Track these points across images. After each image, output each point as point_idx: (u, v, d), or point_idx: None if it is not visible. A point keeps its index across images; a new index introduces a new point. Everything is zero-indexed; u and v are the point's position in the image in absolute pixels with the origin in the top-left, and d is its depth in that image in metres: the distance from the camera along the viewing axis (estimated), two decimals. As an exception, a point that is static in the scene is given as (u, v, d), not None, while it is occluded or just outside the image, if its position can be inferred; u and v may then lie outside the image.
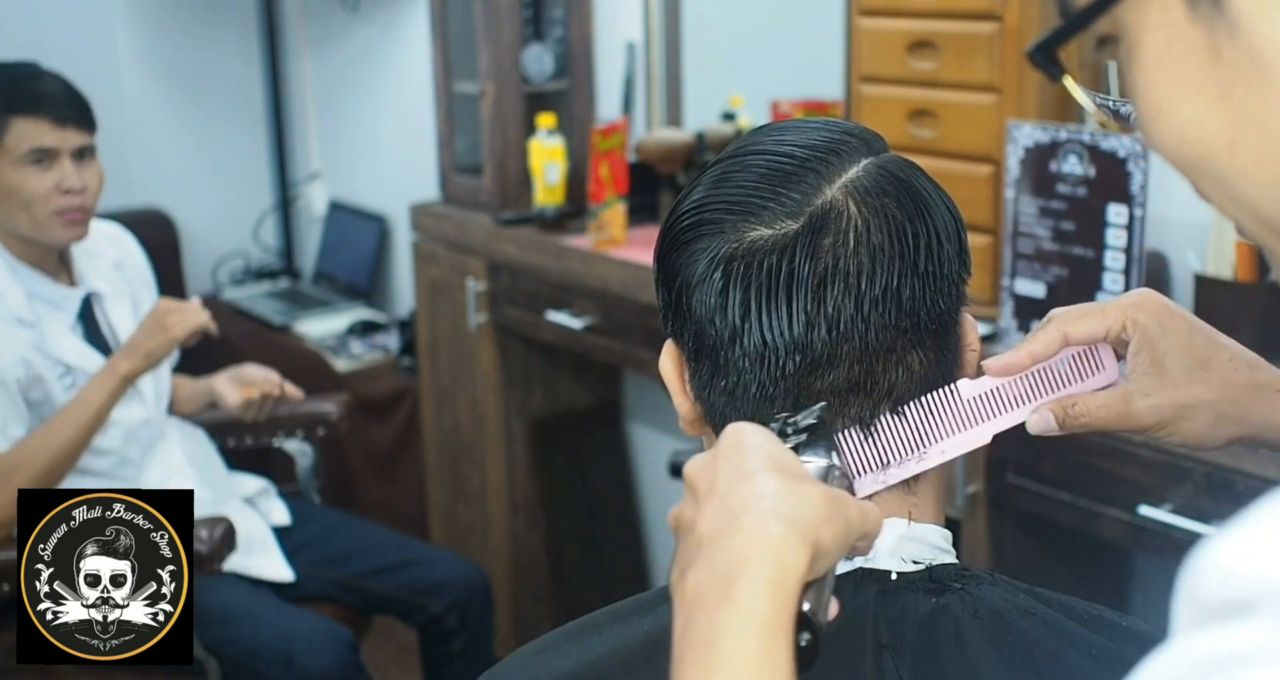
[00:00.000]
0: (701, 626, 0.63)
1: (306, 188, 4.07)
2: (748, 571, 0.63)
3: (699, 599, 0.64)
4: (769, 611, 0.63)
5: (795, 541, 0.64)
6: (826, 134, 0.84)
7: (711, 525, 0.66)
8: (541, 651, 0.87)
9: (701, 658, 0.62)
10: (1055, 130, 1.86)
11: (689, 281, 0.83)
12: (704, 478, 0.70)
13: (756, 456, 0.69)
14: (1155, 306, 0.85)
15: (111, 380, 2.08)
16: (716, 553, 0.65)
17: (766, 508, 0.65)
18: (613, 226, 2.60)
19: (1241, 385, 0.84)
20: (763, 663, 0.62)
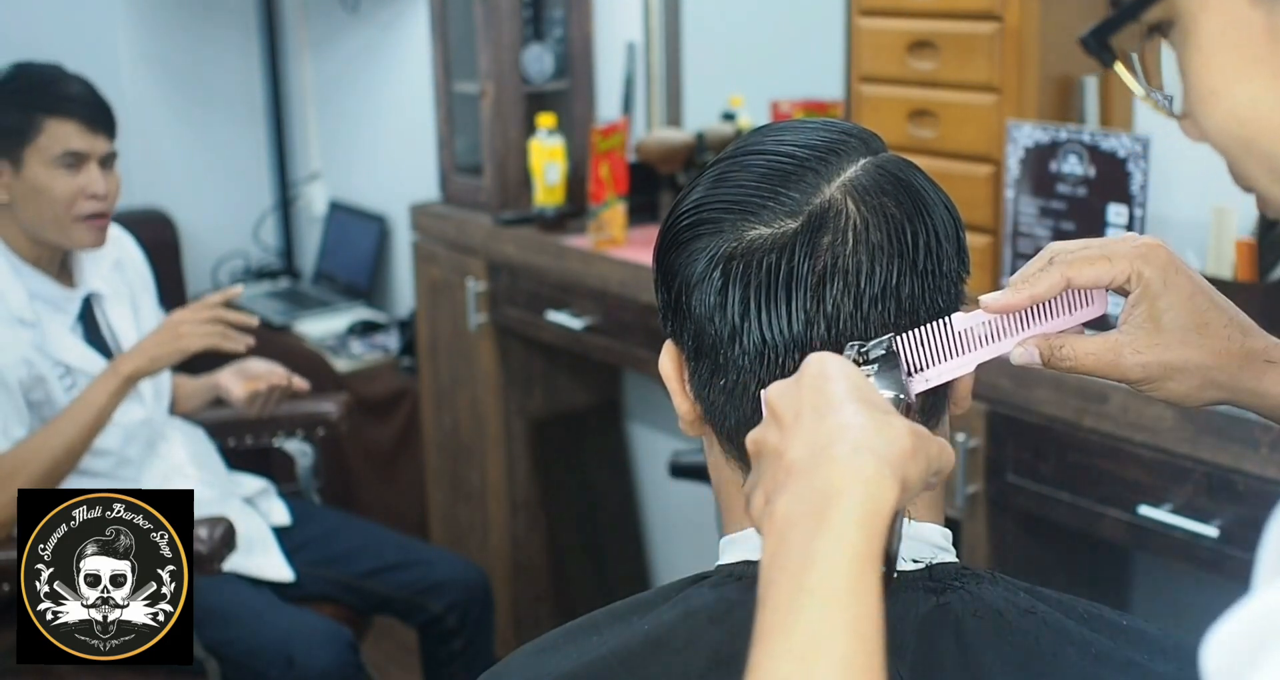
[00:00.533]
0: (794, 552, 0.64)
1: (306, 188, 4.07)
2: (842, 503, 0.64)
3: (790, 525, 0.65)
4: (862, 543, 0.64)
5: (888, 476, 0.66)
6: (825, 134, 0.85)
7: (801, 453, 0.67)
8: (541, 651, 0.87)
9: (794, 581, 0.63)
10: (1055, 130, 1.86)
11: (688, 281, 0.83)
12: (788, 405, 0.70)
13: (843, 387, 0.70)
14: (1163, 260, 0.84)
15: (114, 381, 2.07)
16: (808, 482, 0.66)
17: (858, 440, 0.66)
18: (613, 226, 2.61)
19: (1234, 353, 0.84)
20: (855, 591, 0.63)
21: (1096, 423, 1.79)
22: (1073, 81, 1.98)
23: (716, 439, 0.87)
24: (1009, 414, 1.90)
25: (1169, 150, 1.97)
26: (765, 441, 0.71)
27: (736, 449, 0.85)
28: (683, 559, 3.11)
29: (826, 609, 0.62)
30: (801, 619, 0.62)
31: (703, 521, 2.86)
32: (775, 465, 0.69)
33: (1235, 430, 1.65)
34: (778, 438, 0.70)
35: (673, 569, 3.13)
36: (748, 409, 0.83)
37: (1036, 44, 1.91)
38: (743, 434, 0.84)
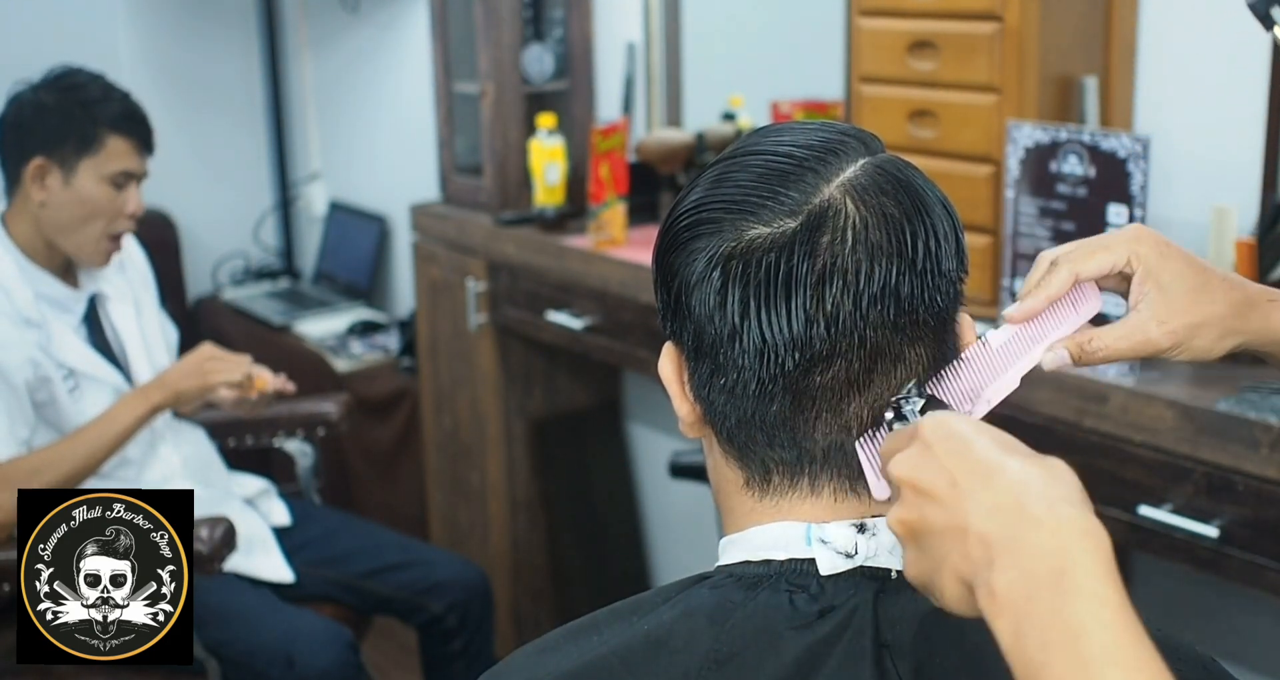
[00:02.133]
0: (1049, 626, 0.63)
1: (306, 188, 4.07)
2: (1078, 562, 0.63)
3: (1027, 600, 0.64)
4: (1117, 596, 0.63)
5: (1092, 519, 0.65)
6: (824, 135, 0.85)
7: (991, 523, 0.66)
8: (542, 651, 0.87)
9: (1070, 655, 0.62)
10: (1055, 130, 1.86)
11: (688, 281, 0.83)
12: (932, 477, 0.69)
13: (984, 443, 0.70)
14: (1153, 239, 0.91)
15: (141, 408, 2.11)
16: (1021, 551, 0.65)
17: (1044, 494, 0.66)
18: (613, 226, 2.61)
19: (1238, 301, 0.91)
20: (1137, 646, 0.62)
21: (1096, 423, 1.79)
22: (1073, 81, 1.98)
23: (716, 440, 0.87)
24: (1009, 414, 1.90)
25: (1169, 150, 1.97)
26: (926, 520, 0.69)
27: (736, 449, 0.85)
28: (683, 559, 3.11)
29: (1125, 670, 0.61)
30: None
31: (703, 521, 2.86)
32: (959, 542, 0.67)
33: (1235, 430, 1.65)
34: (942, 513, 0.68)
35: (673, 569, 3.13)
36: (748, 409, 0.83)
37: (1036, 44, 1.91)
38: (743, 434, 0.84)
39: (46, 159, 2.08)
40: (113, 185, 2.11)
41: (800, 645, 0.80)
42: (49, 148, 2.08)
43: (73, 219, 2.10)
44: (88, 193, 2.09)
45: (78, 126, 2.09)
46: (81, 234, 2.12)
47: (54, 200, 2.09)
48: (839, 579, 0.82)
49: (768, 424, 0.83)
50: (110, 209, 2.12)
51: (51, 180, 2.09)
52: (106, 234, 2.14)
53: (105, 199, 2.11)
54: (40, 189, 2.09)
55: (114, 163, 2.11)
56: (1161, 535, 1.74)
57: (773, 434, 0.83)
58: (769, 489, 0.85)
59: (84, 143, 2.08)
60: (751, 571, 0.84)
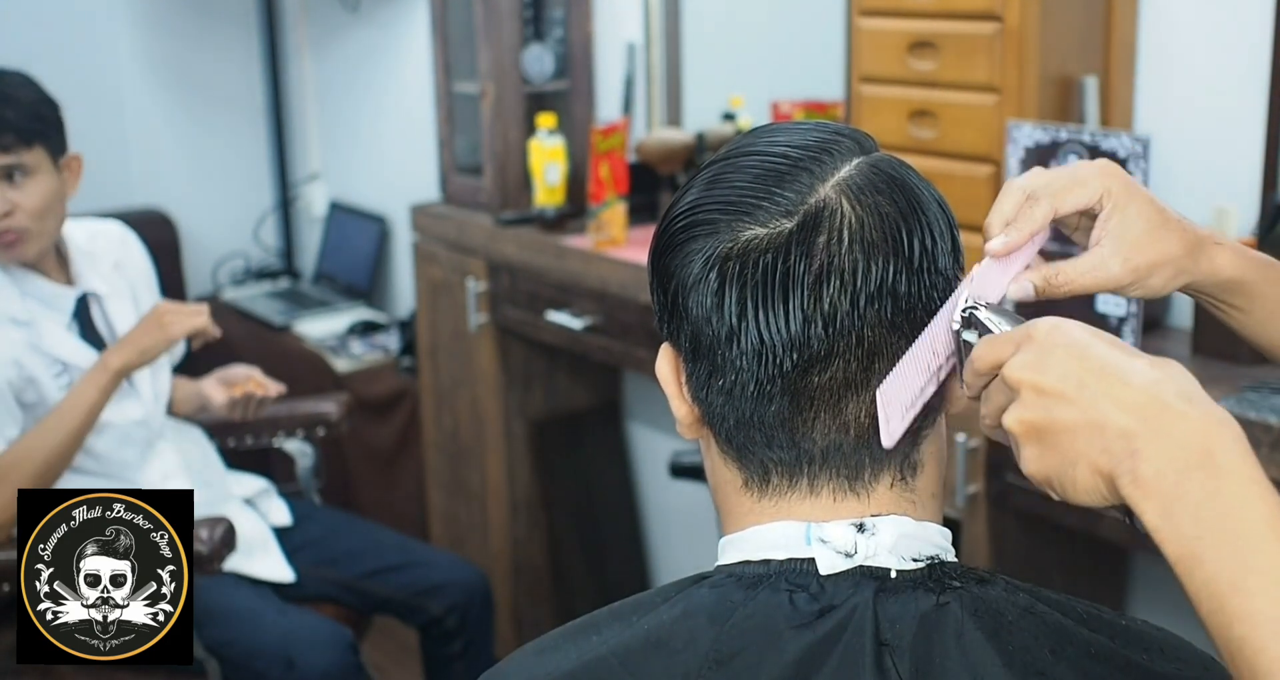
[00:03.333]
0: (1204, 503, 0.67)
1: (306, 188, 4.07)
2: (1222, 446, 0.68)
3: (1176, 483, 0.68)
4: (1260, 472, 0.68)
5: (1225, 411, 0.70)
6: (818, 134, 0.85)
7: (1132, 418, 0.70)
8: (541, 651, 0.87)
9: (1229, 527, 0.66)
10: (1055, 130, 1.86)
11: (684, 282, 0.83)
12: (1061, 377, 0.72)
13: (1103, 346, 0.73)
14: (1121, 176, 0.92)
15: (103, 376, 2.06)
16: (1165, 439, 0.69)
17: (1179, 389, 0.70)
18: (613, 227, 2.61)
19: (1191, 241, 0.92)
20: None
21: (1096, 423, 1.79)
22: (1073, 81, 1.98)
23: (715, 441, 0.87)
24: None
25: (1169, 150, 1.97)
26: (1055, 419, 0.72)
27: (735, 450, 0.85)
28: (683, 559, 3.11)
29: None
30: (1266, 552, 0.65)
31: (702, 521, 2.86)
32: (1096, 437, 0.70)
33: (1235, 430, 1.65)
34: (1074, 410, 0.71)
35: (673, 569, 3.13)
36: (746, 410, 0.83)
37: (1036, 44, 1.91)
38: (742, 434, 0.84)
39: None
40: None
41: (800, 644, 0.80)
42: None
43: None
44: None
45: None
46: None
47: None
48: (839, 578, 0.82)
49: (766, 425, 0.83)
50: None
51: None
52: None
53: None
54: None
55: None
56: (1161, 535, 1.74)
57: (771, 435, 0.83)
58: (768, 489, 0.85)
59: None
60: (751, 571, 0.84)
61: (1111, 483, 0.70)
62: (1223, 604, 0.66)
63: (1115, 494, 0.71)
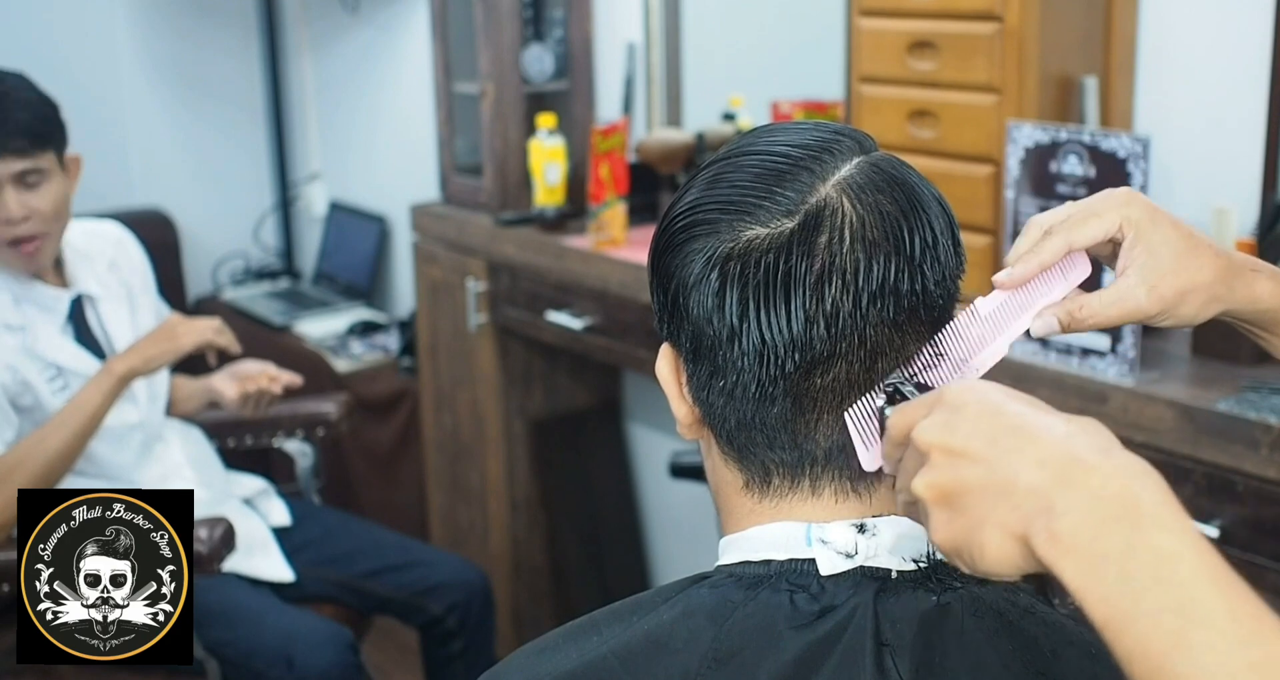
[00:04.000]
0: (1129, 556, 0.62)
1: (306, 188, 4.07)
2: (1143, 497, 0.64)
3: (1093, 538, 0.63)
4: (1190, 524, 0.63)
5: (1145, 463, 0.66)
6: (818, 134, 0.85)
7: (1042, 474, 0.66)
8: (541, 651, 0.87)
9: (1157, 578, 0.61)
10: (1055, 130, 1.86)
11: (685, 282, 0.83)
12: (969, 437, 0.69)
13: (1013, 403, 0.70)
14: (1143, 203, 0.90)
15: (108, 381, 2.07)
16: (1083, 493, 0.64)
17: (1091, 443, 0.67)
18: (613, 227, 2.61)
19: (1223, 268, 0.90)
20: (1221, 562, 0.62)
21: (1096, 423, 1.79)
22: (1073, 81, 1.98)
23: (715, 441, 0.87)
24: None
25: (1169, 150, 1.97)
26: (963, 480, 0.68)
27: (736, 451, 0.85)
28: (683, 559, 3.11)
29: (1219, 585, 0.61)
30: (1207, 605, 0.60)
31: (703, 521, 2.86)
32: (1005, 497, 0.66)
33: (1235, 430, 1.65)
34: (982, 471, 0.68)
35: (673, 569, 3.13)
36: (748, 411, 0.83)
37: (1036, 44, 1.91)
38: (743, 435, 0.84)
39: None
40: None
41: (800, 644, 0.80)
42: None
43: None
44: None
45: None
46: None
47: None
48: (839, 579, 0.82)
49: (768, 426, 0.83)
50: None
51: None
52: (3, 244, 2.03)
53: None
54: None
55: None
56: (1161, 535, 1.74)
57: (773, 436, 0.83)
58: (769, 490, 0.85)
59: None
60: (751, 571, 0.84)
61: (1025, 544, 0.66)
62: (1163, 664, 0.60)
63: (1029, 558, 0.66)
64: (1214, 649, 0.59)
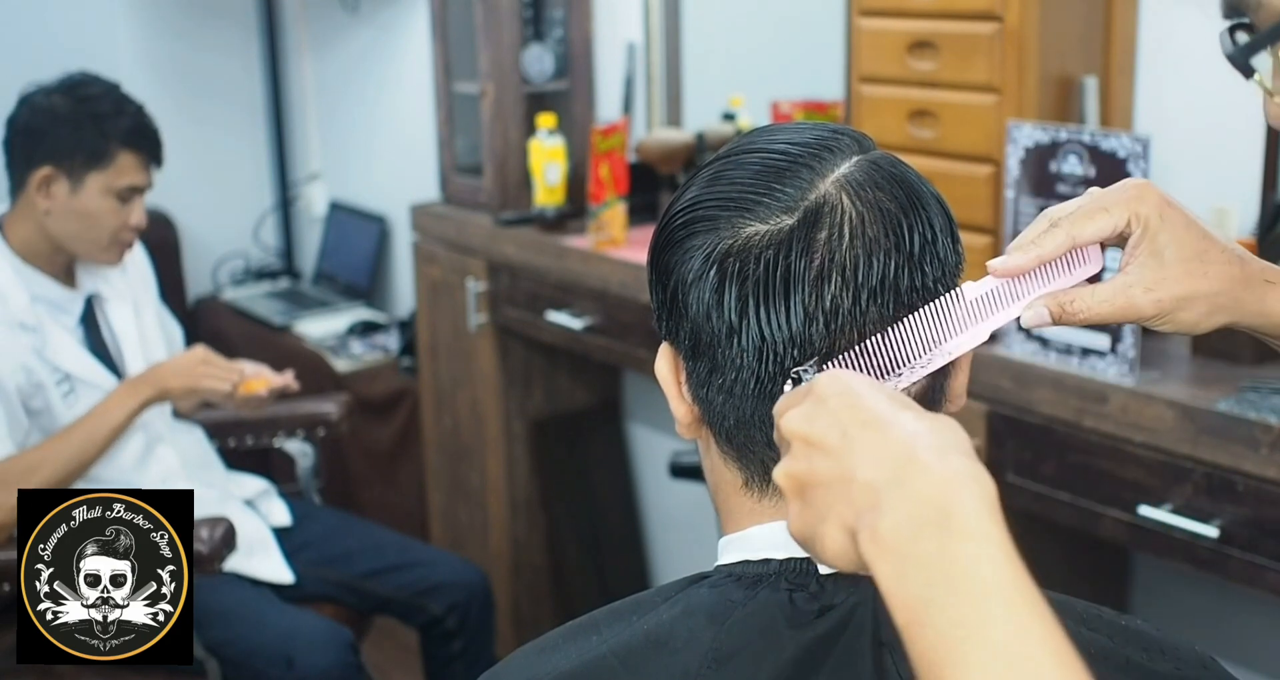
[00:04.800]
0: (935, 565, 0.61)
1: (306, 188, 4.07)
2: (964, 504, 0.62)
3: (910, 541, 0.62)
4: (1003, 536, 0.62)
5: (980, 468, 0.65)
6: (818, 132, 0.85)
7: (882, 470, 0.65)
8: (542, 651, 0.87)
9: (956, 590, 0.61)
10: (1055, 130, 1.86)
11: (684, 279, 0.83)
12: (823, 428, 0.68)
13: (876, 397, 0.68)
14: (1155, 199, 0.86)
15: (132, 402, 2.12)
16: (909, 494, 0.63)
17: (934, 444, 0.65)
18: (613, 226, 2.61)
19: (1235, 277, 0.86)
20: (1023, 584, 0.61)
21: (1096, 423, 1.79)
22: (1073, 81, 1.98)
23: (714, 440, 0.87)
24: (1009, 414, 1.90)
25: (1169, 150, 1.97)
26: (814, 472, 0.68)
27: (734, 450, 0.85)
28: (683, 559, 3.11)
29: (1012, 606, 0.60)
30: (993, 623, 0.60)
31: (703, 521, 2.86)
32: (845, 490, 0.66)
33: (1235, 430, 1.65)
34: (830, 463, 0.67)
35: (673, 569, 3.13)
36: (747, 408, 0.83)
37: (1036, 44, 1.91)
38: (742, 434, 0.84)
39: (55, 169, 2.08)
40: (118, 199, 2.12)
41: (800, 644, 0.80)
42: (58, 158, 2.08)
43: (77, 229, 2.11)
44: (93, 205, 2.10)
45: (89, 139, 2.08)
46: (83, 243, 2.13)
47: (58, 209, 2.09)
48: (838, 578, 0.82)
49: (768, 424, 0.82)
50: (114, 222, 2.13)
51: (57, 189, 2.09)
52: (111, 244, 2.15)
53: (109, 212, 2.12)
54: (45, 198, 2.09)
55: (123, 178, 2.11)
56: (1161, 535, 1.74)
57: (772, 434, 0.83)
58: (768, 489, 0.85)
59: (94, 156, 2.08)
60: (751, 570, 0.84)
61: (854, 541, 0.65)
62: (940, 675, 0.60)
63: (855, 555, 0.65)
64: (985, 671, 0.59)
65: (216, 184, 4.01)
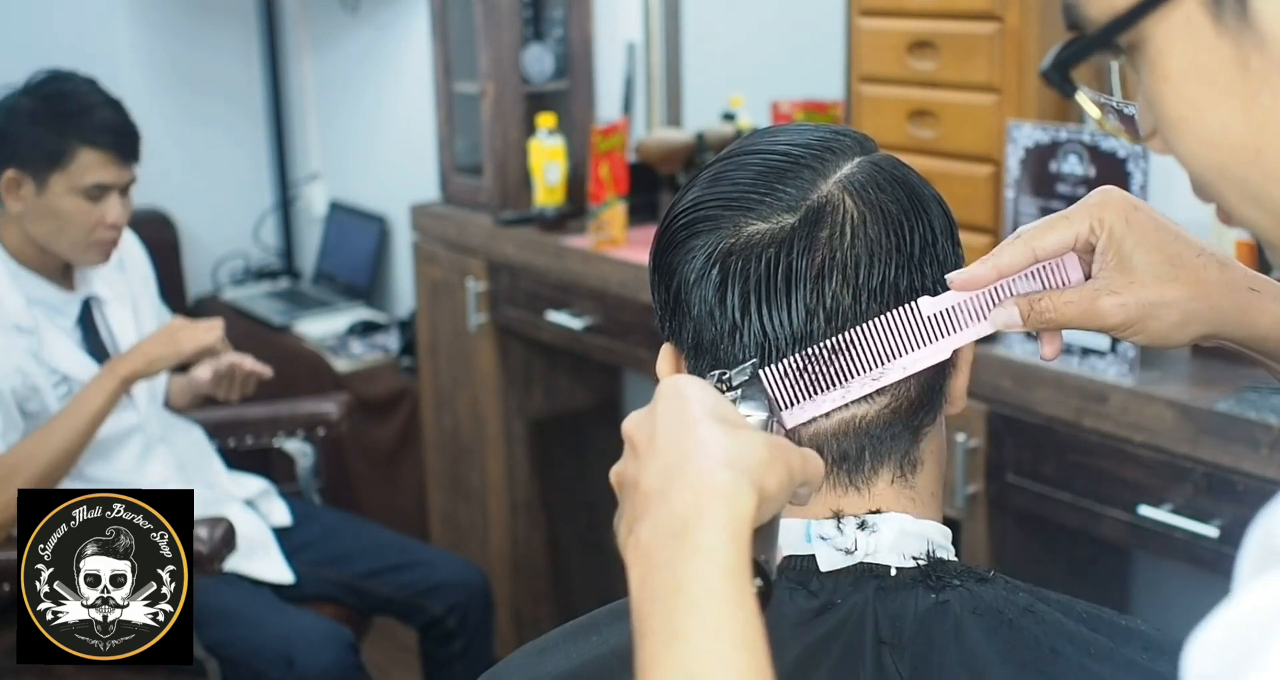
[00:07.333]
0: (662, 576, 0.62)
1: (306, 188, 4.07)
2: (703, 519, 0.62)
3: (654, 550, 0.63)
4: (730, 555, 0.62)
5: (744, 486, 0.64)
6: (819, 134, 0.86)
7: (657, 478, 0.65)
8: (542, 651, 0.87)
9: (667, 606, 0.61)
10: (1055, 130, 1.86)
11: (687, 278, 0.83)
12: (643, 432, 0.69)
13: (695, 407, 0.68)
14: (1119, 203, 0.82)
15: (110, 383, 2.07)
16: (666, 504, 0.64)
17: (712, 456, 0.64)
18: (613, 226, 2.61)
19: (1212, 283, 0.82)
20: (731, 604, 0.61)
21: (1096, 423, 1.79)
22: (1073, 81, 1.97)
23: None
24: (1009, 414, 1.90)
25: (1169, 150, 1.97)
26: (624, 473, 0.69)
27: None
28: (683, 559, 3.11)
29: (711, 629, 0.60)
30: (686, 642, 0.60)
31: (703, 521, 2.86)
32: (633, 495, 0.67)
33: (1235, 430, 1.65)
34: (634, 467, 0.68)
35: (673, 569, 3.12)
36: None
37: (1036, 44, 1.91)
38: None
39: (19, 171, 2.06)
40: (86, 198, 2.07)
41: (800, 642, 0.80)
42: (20, 160, 2.06)
43: (51, 230, 2.08)
44: (61, 206, 2.06)
45: (46, 140, 2.05)
46: (61, 244, 2.10)
47: (29, 211, 2.07)
48: (839, 576, 0.82)
49: (768, 422, 0.83)
50: (86, 221, 2.08)
51: (25, 192, 2.06)
52: (89, 242, 2.11)
53: (79, 211, 2.07)
54: (15, 199, 2.07)
55: (85, 175, 2.06)
56: (1161, 535, 1.74)
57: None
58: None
59: (53, 157, 2.05)
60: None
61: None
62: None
63: None
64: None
65: (216, 184, 4.00)
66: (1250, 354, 0.85)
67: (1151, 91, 0.59)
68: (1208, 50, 0.56)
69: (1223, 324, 0.82)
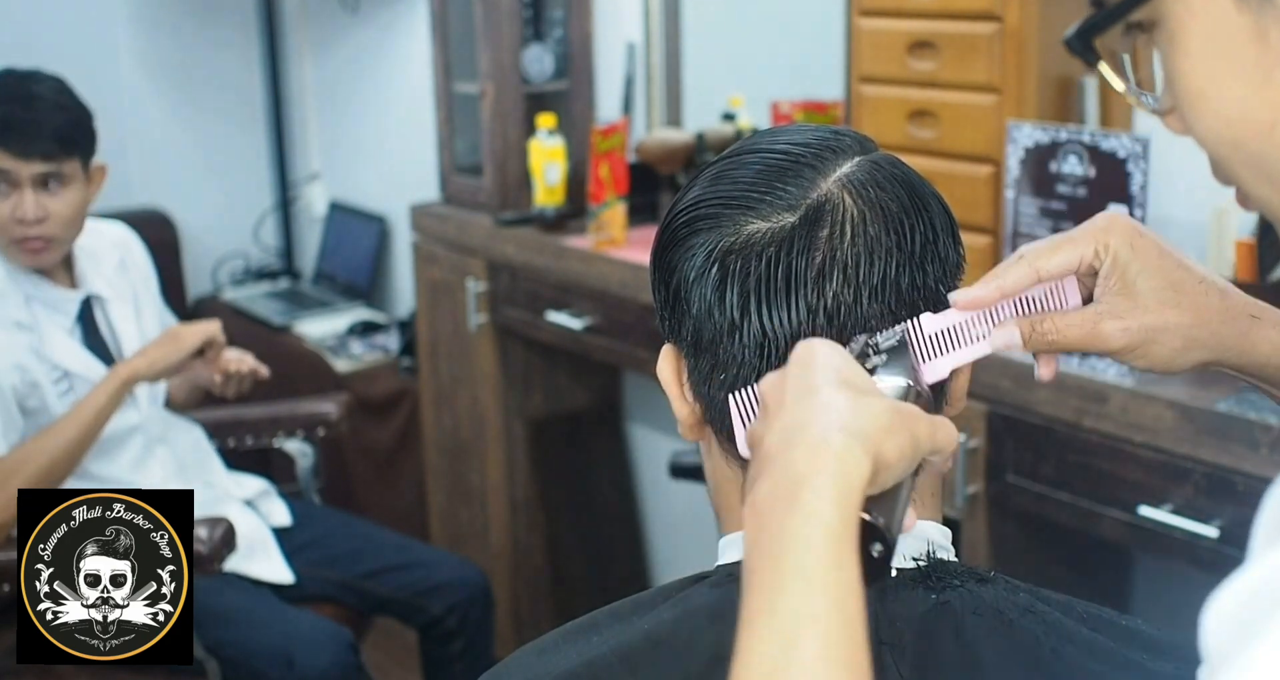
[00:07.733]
0: (770, 535, 0.63)
1: (306, 188, 4.07)
2: (812, 481, 0.63)
3: (767, 509, 0.64)
4: (835, 518, 0.62)
5: (857, 451, 0.64)
6: (820, 134, 0.86)
7: (778, 439, 0.66)
8: (542, 651, 0.87)
9: (772, 564, 0.62)
10: (1055, 130, 1.86)
11: (687, 277, 0.83)
12: (774, 394, 0.70)
13: (824, 371, 0.69)
14: (1125, 229, 0.83)
15: (113, 383, 2.08)
16: (782, 465, 0.65)
17: (830, 420, 0.65)
18: (613, 227, 2.61)
19: (1213, 309, 0.82)
20: (832, 568, 0.62)
21: (1096, 423, 1.79)
22: (1073, 81, 1.98)
23: (716, 439, 0.87)
24: (1009, 414, 1.90)
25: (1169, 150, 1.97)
26: (755, 434, 0.70)
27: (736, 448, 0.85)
28: (683, 559, 3.11)
29: (806, 587, 0.61)
30: (782, 600, 0.61)
31: (703, 521, 2.86)
32: (758, 454, 0.68)
33: (1235, 430, 1.65)
34: (764, 428, 0.69)
35: (673, 569, 3.13)
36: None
37: (1036, 44, 1.91)
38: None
39: None
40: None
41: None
42: None
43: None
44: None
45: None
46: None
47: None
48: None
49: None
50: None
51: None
52: (8, 241, 2.05)
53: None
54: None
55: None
56: (1161, 535, 1.74)
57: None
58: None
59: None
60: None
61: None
62: (739, 640, 0.62)
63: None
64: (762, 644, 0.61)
65: (216, 184, 4.01)
66: (1250, 380, 0.86)
67: (1170, 67, 0.60)
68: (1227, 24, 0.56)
69: (1224, 350, 0.83)
